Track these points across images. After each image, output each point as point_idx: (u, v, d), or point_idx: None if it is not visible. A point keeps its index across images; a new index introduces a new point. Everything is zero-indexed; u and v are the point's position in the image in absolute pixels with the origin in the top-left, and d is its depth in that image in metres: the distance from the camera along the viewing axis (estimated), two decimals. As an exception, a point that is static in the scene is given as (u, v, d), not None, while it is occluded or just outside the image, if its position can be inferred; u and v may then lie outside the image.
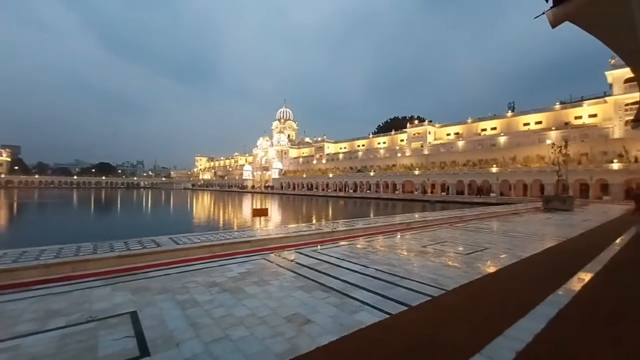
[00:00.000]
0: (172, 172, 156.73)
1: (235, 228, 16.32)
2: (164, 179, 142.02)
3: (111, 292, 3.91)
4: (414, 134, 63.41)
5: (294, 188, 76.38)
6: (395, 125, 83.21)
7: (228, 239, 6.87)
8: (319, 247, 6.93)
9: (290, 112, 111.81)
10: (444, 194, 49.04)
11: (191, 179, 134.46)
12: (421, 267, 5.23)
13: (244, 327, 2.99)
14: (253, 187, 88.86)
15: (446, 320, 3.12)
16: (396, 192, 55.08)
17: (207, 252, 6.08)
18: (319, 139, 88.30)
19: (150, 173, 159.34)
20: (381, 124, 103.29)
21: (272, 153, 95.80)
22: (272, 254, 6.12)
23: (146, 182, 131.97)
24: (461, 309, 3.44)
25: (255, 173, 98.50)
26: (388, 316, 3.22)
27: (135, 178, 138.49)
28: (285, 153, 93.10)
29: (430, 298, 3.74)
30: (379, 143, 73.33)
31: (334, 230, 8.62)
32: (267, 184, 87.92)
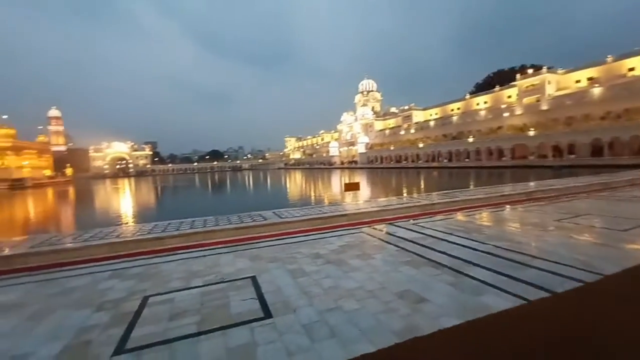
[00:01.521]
0: (267, 154, 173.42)
1: (330, 203, 16.89)
2: (260, 160, 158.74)
3: (234, 259, 4.44)
4: (527, 87, 52.52)
5: (381, 161, 74.63)
6: (499, 79, 70.45)
7: (325, 212, 7.04)
8: (418, 220, 6.45)
9: (373, 83, 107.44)
10: (572, 156, 39.76)
11: (283, 159, 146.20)
12: (559, 245, 4.26)
13: (355, 299, 2.93)
14: (343, 162, 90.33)
15: (610, 311, 2.39)
16: (503, 158, 47.67)
17: (308, 225, 6.35)
18: (406, 107, 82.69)
19: (249, 156, 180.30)
20: (480, 82, 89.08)
21: (357, 127, 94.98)
22: (369, 227, 5.99)
23: (246, 165, 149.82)
24: (631, 298, 2.60)
25: (341, 149, 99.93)
26: (524, 302, 2.67)
27: (238, 161, 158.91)
28: (370, 126, 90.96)
29: (582, 284, 2.97)
30: (478, 104, 63.98)
31: (433, 202, 7.91)
32: (352, 159, 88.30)
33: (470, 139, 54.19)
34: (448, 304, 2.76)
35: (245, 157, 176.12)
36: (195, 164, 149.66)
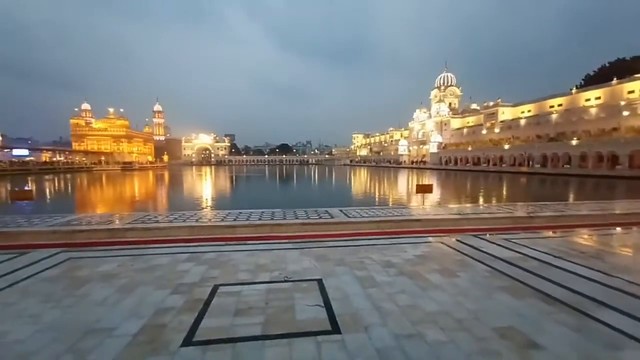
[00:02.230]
0: (333, 150, 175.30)
1: (399, 205, 15.95)
2: (326, 156, 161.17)
3: (299, 256, 4.28)
4: (658, 80, 41.72)
5: (455, 163, 68.50)
6: (617, 70, 57.49)
7: (397, 216, 6.48)
8: (512, 235, 5.42)
9: (452, 76, 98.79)
10: None
11: (349, 155, 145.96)
12: None
13: (439, 327, 2.43)
14: (413, 162, 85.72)
15: None
16: (617, 167, 39.02)
17: (376, 227, 5.90)
18: (490, 103, 73.99)
19: (316, 151, 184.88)
20: (592, 73, 74.00)
21: (430, 125, 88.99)
22: (449, 237, 5.24)
23: (313, 160, 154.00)
24: None
25: (411, 148, 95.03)
26: None
27: (305, 156, 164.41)
28: (445, 124, 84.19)
29: None
30: (587, 100, 53.45)
31: (531, 214, 6.64)
32: (422, 159, 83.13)
33: (574, 142, 45.66)
34: (572, 356, 2.06)
35: (312, 152, 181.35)
36: (266, 156, 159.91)
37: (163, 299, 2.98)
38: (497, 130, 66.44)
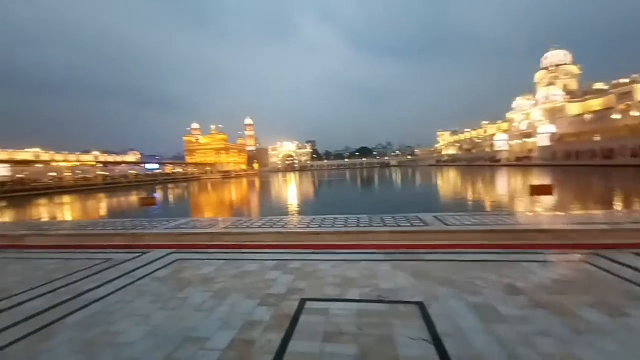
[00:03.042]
0: (416, 150, 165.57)
1: (507, 211, 13.68)
2: (409, 157, 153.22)
3: (392, 271, 3.75)
4: None
5: (576, 157, 56.01)
6: None
7: (510, 224, 5.29)
8: None
9: (565, 54, 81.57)
10: None
11: (434, 155, 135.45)
12: None
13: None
14: (517, 159, 73.81)
15: None
16: None
17: (484, 238, 4.88)
18: (626, 80, 58.31)
19: (397, 152, 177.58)
20: None
21: (536, 114, 75.39)
22: (593, 255, 3.91)
23: (394, 162, 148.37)
24: None
25: (511, 142, 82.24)
26: None
27: (386, 158, 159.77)
28: (559, 111, 70.00)
29: None
30: None
31: None
32: (527, 154, 70.76)
33: None
34: None
35: (393, 154, 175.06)
36: (346, 160, 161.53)
37: (252, 311, 2.87)
38: (636, 113, 51.88)
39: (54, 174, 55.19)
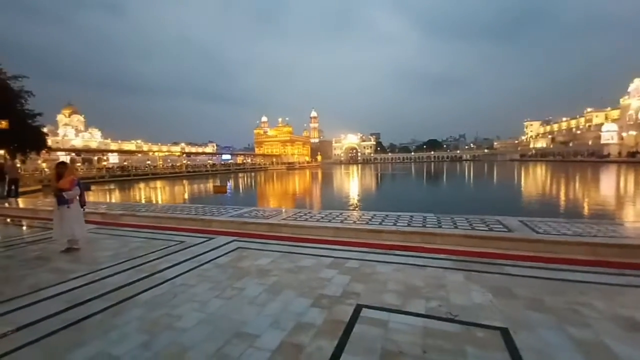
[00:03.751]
0: (495, 143, 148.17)
1: (620, 219, 11.28)
2: (486, 150, 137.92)
3: (465, 282, 3.20)
4: None
5: None
6: None
7: (625, 236, 4.14)
8: None
9: None
10: None
11: (519, 148, 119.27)
12: None
13: None
14: (629, 153, 60.10)
15: None
16: None
17: (588, 252, 3.90)
18: None
19: (471, 145, 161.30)
20: None
21: (660, 99, 60.15)
22: None
23: (467, 155, 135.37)
24: None
25: (624, 133, 67.44)
26: None
27: (458, 151, 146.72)
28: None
29: None
30: None
31: None
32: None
33: None
34: None
35: (466, 147, 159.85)
36: (412, 153, 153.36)
37: (304, 311, 2.71)
38: None
39: (149, 162, 64.87)
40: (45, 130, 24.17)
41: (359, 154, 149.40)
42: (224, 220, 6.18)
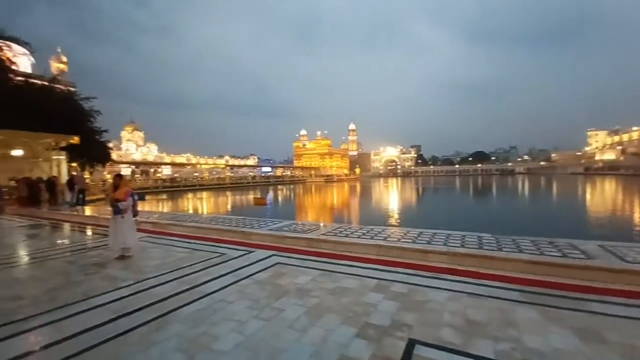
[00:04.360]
0: (553, 155, 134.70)
1: None
2: (542, 163, 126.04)
3: (541, 321, 2.69)
4: None
5: None
6: None
7: None
8: None
9: None
10: None
11: (582, 161, 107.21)
12: None
13: None
14: None
15: None
16: None
17: None
18: None
19: (525, 157, 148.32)
20: None
21: None
22: None
23: (520, 168, 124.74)
24: None
25: None
26: None
27: (509, 164, 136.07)
28: None
29: None
30: None
31: None
32: None
33: None
34: None
35: (519, 159, 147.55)
36: (457, 166, 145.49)
37: (348, 342, 2.43)
38: None
39: (197, 173, 69.40)
40: (110, 145, 27.01)
41: (399, 166, 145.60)
42: (263, 233, 6.14)
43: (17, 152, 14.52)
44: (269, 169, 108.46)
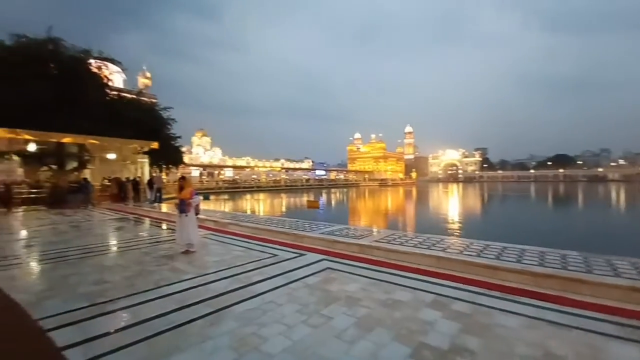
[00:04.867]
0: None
1: None
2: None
3: (652, 368, 2.14)
4: None
5: None
6: None
7: None
8: None
9: None
10: None
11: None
12: None
13: None
14: None
15: None
16: None
17: None
18: None
19: (620, 162, 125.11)
20: None
21: None
22: None
23: (615, 174, 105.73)
24: None
25: None
26: None
27: (599, 169, 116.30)
28: None
29: None
30: None
31: None
32: None
33: None
34: None
35: (612, 164, 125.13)
36: (532, 171, 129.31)
37: (400, 362, 2.24)
38: None
39: (255, 176, 73.78)
40: (183, 149, 30.25)
41: (460, 170, 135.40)
42: (314, 236, 6.15)
43: (111, 156, 17.11)
44: (322, 172, 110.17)
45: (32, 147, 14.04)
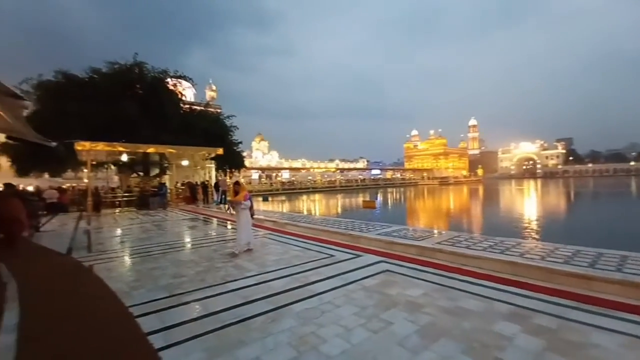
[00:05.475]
0: None
1: None
2: None
3: None
4: None
5: None
6: None
7: None
8: None
9: None
10: None
11: None
12: None
13: None
14: None
15: None
16: None
17: None
18: None
19: None
20: None
21: None
22: None
23: None
24: None
25: None
26: None
27: None
28: None
29: None
30: None
31: None
32: None
33: None
34: None
35: None
36: (632, 163, 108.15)
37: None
38: None
39: (310, 177, 75.51)
40: (244, 154, 32.50)
41: (538, 165, 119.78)
42: (371, 237, 6.00)
43: (185, 162, 19.17)
44: (378, 171, 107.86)
45: (124, 158, 16.47)
